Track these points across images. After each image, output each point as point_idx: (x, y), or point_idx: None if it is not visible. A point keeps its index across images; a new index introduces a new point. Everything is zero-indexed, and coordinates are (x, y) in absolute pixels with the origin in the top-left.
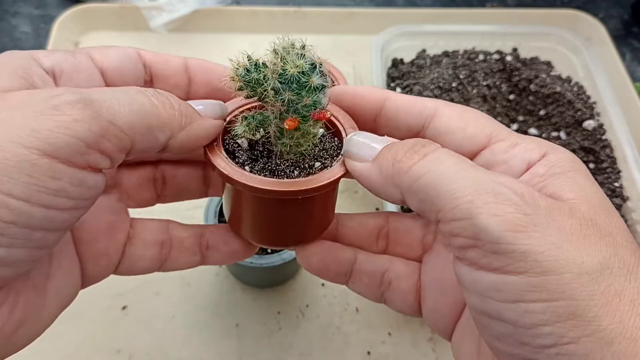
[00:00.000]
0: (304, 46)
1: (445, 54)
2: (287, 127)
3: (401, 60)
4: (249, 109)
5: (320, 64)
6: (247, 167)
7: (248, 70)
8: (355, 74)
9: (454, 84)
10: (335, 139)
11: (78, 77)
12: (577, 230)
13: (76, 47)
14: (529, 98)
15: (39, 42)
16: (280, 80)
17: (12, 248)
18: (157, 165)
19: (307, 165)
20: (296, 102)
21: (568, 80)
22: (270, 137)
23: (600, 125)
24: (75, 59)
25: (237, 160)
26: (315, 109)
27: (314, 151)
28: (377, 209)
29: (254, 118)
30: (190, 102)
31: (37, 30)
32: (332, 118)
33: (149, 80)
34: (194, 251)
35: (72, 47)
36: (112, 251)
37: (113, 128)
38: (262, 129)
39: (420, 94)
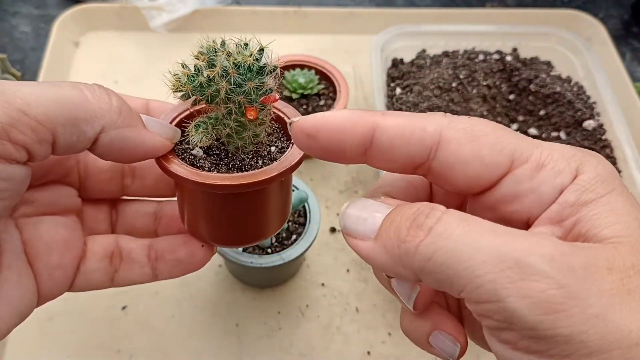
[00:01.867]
0: (246, 44)
1: (445, 54)
2: (250, 117)
3: (401, 60)
4: (185, 119)
5: (262, 50)
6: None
7: (191, 76)
8: (355, 74)
9: (454, 84)
10: (275, 123)
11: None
12: (619, 287)
13: (76, 47)
14: (529, 98)
15: (39, 42)
16: (236, 73)
17: None
18: (115, 203)
19: (266, 153)
20: (257, 89)
21: (568, 80)
22: (221, 139)
23: (600, 125)
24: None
25: (201, 169)
26: (267, 94)
27: (269, 139)
28: None
29: (207, 123)
30: (143, 116)
31: (37, 30)
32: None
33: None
34: (143, 263)
35: (72, 47)
36: (66, 264)
37: (26, 118)
38: (214, 133)
39: (420, 94)
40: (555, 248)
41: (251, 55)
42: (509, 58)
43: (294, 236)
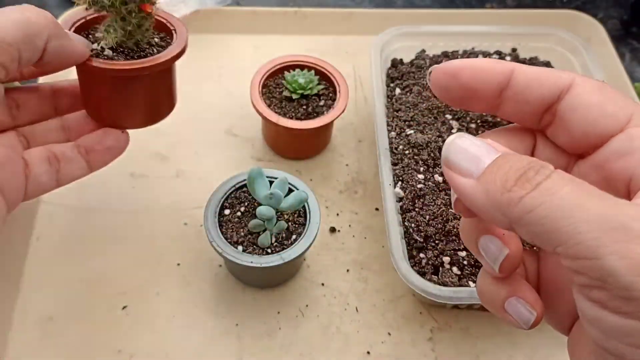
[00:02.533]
0: None
1: (445, 54)
2: (149, 10)
3: (401, 60)
4: (85, 25)
5: None
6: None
7: None
8: (355, 74)
9: None
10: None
11: None
12: None
13: None
14: None
15: None
16: None
17: None
18: (10, 92)
19: (156, 50)
20: None
21: None
22: (118, 39)
23: None
24: None
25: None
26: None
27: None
28: (376, 209)
29: (114, 25)
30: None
31: None
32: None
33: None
34: (77, 159)
35: None
36: (18, 174)
37: (2, 44)
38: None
39: (419, 94)
40: None
41: None
42: (508, 58)
43: (294, 236)
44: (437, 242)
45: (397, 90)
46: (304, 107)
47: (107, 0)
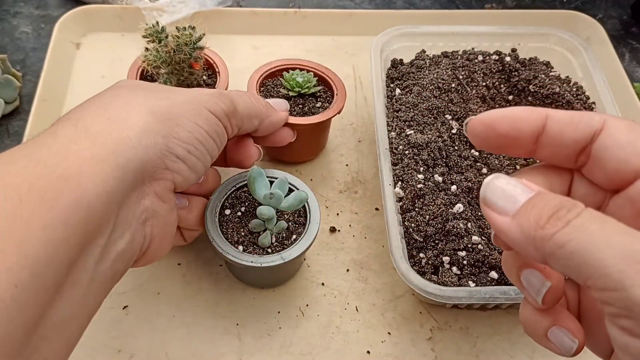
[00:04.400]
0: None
1: (445, 54)
2: (197, 68)
3: (400, 61)
4: None
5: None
6: None
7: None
8: (355, 74)
9: (453, 85)
10: None
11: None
12: None
13: (77, 48)
14: (528, 98)
15: (40, 42)
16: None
17: (199, 159)
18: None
19: None
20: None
21: (567, 80)
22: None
23: None
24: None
25: None
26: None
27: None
28: (376, 209)
29: (170, 78)
30: (268, 100)
31: (38, 30)
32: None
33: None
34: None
35: (73, 48)
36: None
37: (236, 112)
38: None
39: (419, 94)
40: None
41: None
42: (508, 59)
43: (294, 236)
44: (437, 242)
45: (397, 91)
46: (300, 106)
47: (164, 67)
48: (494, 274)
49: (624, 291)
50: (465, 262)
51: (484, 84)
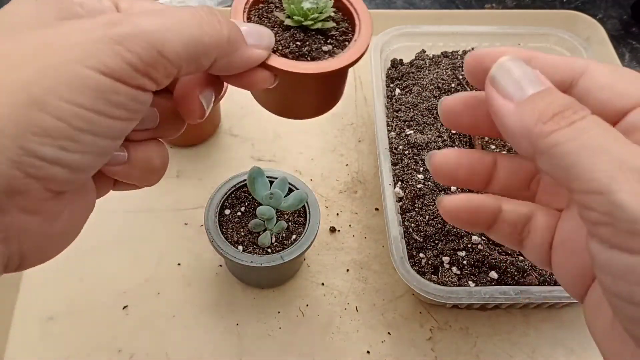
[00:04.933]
0: None
1: (445, 54)
2: None
3: (400, 60)
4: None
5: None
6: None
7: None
8: (354, 74)
9: (453, 85)
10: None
11: None
12: None
13: None
14: None
15: None
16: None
17: (85, 154)
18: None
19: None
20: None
21: None
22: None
23: None
24: None
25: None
26: None
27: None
28: (376, 209)
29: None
30: (238, 23)
31: None
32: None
33: None
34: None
35: None
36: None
37: (162, 59)
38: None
39: (419, 94)
40: None
41: None
42: None
43: (294, 236)
44: (436, 242)
45: (397, 91)
46: (297, 43)
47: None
48: (493, 274)
49: (610, 195)
50: (465, 262)
51: None
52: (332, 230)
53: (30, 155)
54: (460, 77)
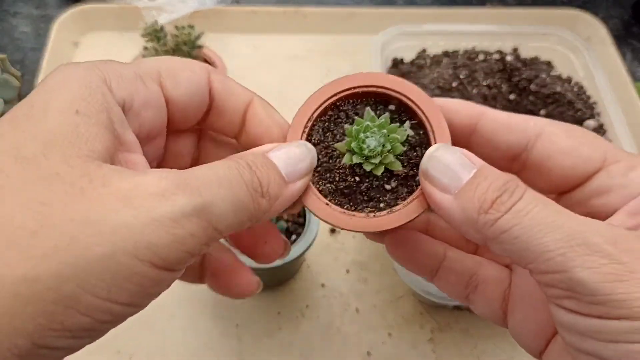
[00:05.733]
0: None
1: (446, 53)
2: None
3: (401, 60)
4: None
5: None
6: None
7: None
8: None
9: (454, 84)
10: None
11: (146, 114)
12: None
13: (76, 47)
14: (529, 98)
15: (39, 42)
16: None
17: (96, 337)
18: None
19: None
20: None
21: (568, 80)
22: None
23: (601, 125)
24: (148, 91)
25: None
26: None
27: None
28: None
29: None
30: (273, 151)
31: (37, 30)
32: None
33: (207, 110)
34: (193, 271)
35: (72, 48)
36: None
37: (216, 233)
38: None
39: None
40: (621, 235)
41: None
42: (509, 58)
43: (294, 236)
44: None
45: None
46: (357, 178)
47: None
48: None
49: (567, 272)
50: None
51: (485, 83)
52: (332, 230)
53: (40, 347)
54: (462, 76)
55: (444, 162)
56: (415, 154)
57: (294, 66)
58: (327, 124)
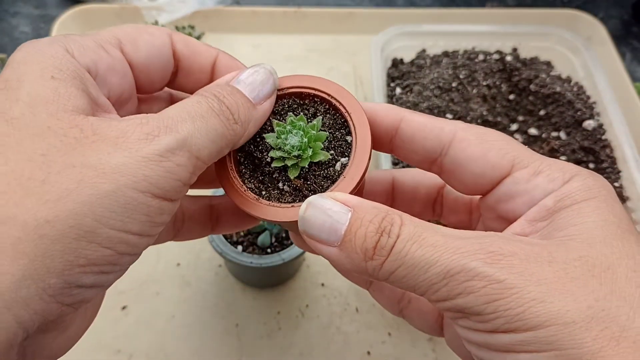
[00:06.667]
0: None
1: (445, 54)
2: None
3: (401, 60)
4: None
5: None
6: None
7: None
8: (355, 74)
9: (453, 84)
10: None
11: (112, 79)
12: (562, 276)
13: None
14: (529, 98)
15: None
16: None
17: (119, 272)
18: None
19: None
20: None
21: (568, 80)
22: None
23: (600, 125)
24: (110, 57)
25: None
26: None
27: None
28: None
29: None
30: (236, 79)
31: (37, 30)
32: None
33: (174, 72)
34: (204, 223)
35: None
36: None
37: (200, 163)
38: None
39: (420, 93)
40: (496, 249)
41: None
42: (509, 58)
43: None
44: None
45: (398, 90)
46: (284, 179)
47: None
48: None
49: (453, 300)
50: None
51: (484, 83)
52: None
53: (71, 286)
54: (462, 76)
55: (318, 220)
56: (336, 139)
57: (294, 66)
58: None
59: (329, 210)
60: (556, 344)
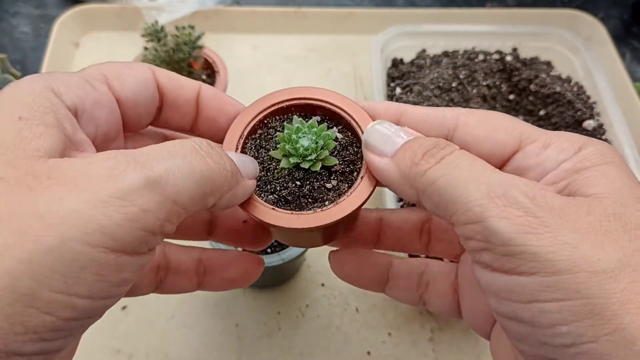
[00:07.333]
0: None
1: (445, 54)
2: (196, 67)
3: (401, 60)
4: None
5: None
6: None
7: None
8: (355, 74)
9: (453, 84)
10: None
11: (99, 115)
12: (597, 227)
13: (76, 47)
14: (529, 98)
15: (39, 42)
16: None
17: (69, 337)
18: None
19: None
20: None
21: (568, 80)
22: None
23: (600, 125)
24: (96, 92)
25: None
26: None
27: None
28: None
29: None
30: (234, 158)
31: (37, 30)
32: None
33: (159, 107)
34: (190, 276)
35: (72, 48)
36: None
37: (177, 208)
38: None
39: (420, 94)
40: (540, 191)
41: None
42: (509, 58)
43: None
44: None
45: (398, 90)
46: (298, 182)
47: (163, 66)
48: None
49: (483, 222)
50: None
51: (484, 83)
52: None
53: (9, 355)
54: (462, 76)
55: (382, 131)
56: (347, 152)
57: (294, 66)
58: (258, 141)
59: (394, 129)
60: (584, 292)
